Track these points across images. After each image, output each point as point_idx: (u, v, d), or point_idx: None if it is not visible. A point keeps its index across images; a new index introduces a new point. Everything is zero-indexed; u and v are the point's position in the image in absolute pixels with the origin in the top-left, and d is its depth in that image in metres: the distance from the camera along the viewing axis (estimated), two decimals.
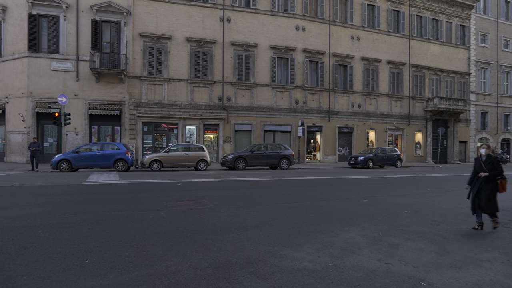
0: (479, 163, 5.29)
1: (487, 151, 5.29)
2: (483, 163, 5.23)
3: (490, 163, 5.19)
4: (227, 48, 20.93)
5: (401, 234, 4.90)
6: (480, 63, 29.99)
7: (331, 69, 23.71)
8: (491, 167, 5.16)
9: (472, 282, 3.26)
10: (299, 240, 4.51)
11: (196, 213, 6.06)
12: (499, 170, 5.11)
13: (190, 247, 4.09)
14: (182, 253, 3.86)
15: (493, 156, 5.23)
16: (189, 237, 4.55)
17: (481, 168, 5.20)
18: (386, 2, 25.72)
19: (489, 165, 5.18)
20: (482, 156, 5.32)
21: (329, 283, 3.14)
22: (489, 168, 5.14)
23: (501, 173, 5.11)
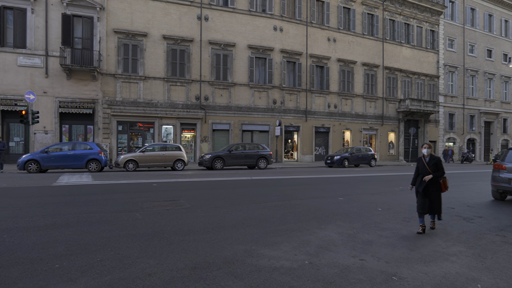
0: (422, 163, 5.09)
1: (429, 151, 5.11)
2: (426, 164, 5.04)
3: (434, 164, 5.03)
4: (204, 46, 20.73)
5: (374, 231, 5.06)
6: (448, 67, 31.46)
7: (308, 69, 24.06)
8: (435, 168, 5.01)
9: (440, 276, 3.42)
10: (276, 239, 4.54)
11: (173, 214, 5.97)
12: (442, 171, 5.01)
13: (167, 249, 4.02)
14: (158, 255, 3.79)
15: (436, 156, 5.10)
16: (166, 238, 4.47)
17: (425, 169, 5.02)
18: (361, 6, 26.42)
19: (433, 166, 5.01)
20: (425, 156, 5.11)
21: (305, 281, 3.19)
22: (433, 169, 5.00)
23: (443, 174, 5.04)
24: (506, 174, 7.87)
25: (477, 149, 33.98)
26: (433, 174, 4.95)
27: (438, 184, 5.05)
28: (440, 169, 5.01)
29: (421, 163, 5.12)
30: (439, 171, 5.00)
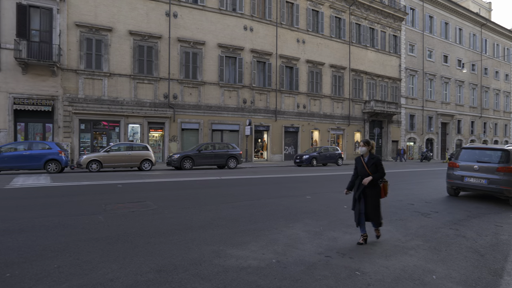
0: (361, 163, 4.45)
1: (365, 150, 4.46)
2: (365, 164, 4.40)
3: (373, 164, 4.37)
4: (173, 44, 20.27)
5: (340, 228, 5.21)
6: (409, 70, 33.19)
7: (278, 70, 24.32)
8: (374, 168, 4.36)
9: (399, 269, 3.59)
10: (244, 238, 4.54)
11: (138, 216, 5.78)
12: (382, 172, 4.37)
13: (130, 252, 3.88)
14: (121, 259, 3.65)
15: (376, 155, 4.45)
16: (130, 241, 4.32)
17: (363, 169, 4.39)
18: (329, 9, 27.14)
19: (373, 166, 4.36)
20: (364, 156, 4.48)
21: (272, 279, 3.21)
22: (373, 170, 4.36)
23: (383, 175, 4.39)
24: (459, 172, 8.44)
25: (435, 148, 36.16)
26: (373, 175, 4.31)
27: (378, 188, 4.42)
28: (380, 170, 4.35)
29: (360, 163, 4.48)
30: (378, 172, 4.36)
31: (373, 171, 4.37)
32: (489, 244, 4.63)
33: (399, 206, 7.34)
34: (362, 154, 4.52)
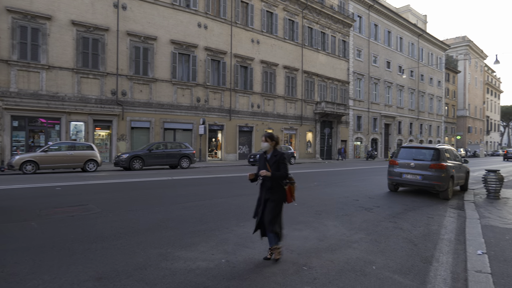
0: (263, 161, 3.74)
1: (268, 146, 3.72)
2: (267, 162, 3.70)
3: (275, 163, 3.66)
4: (122, 37, 19.20)
5: (289, 225, 5.33)
6: (356, 74, 35.21)
7: (233, 69, 24.27)
8: (276, 167, 3.64)
9: (343, 262, 3.77)
10: (194, 239, 4.44)
11: (79, 220, 5.36)
12: (285, 171, 3.65)
13: (67, 260, 3.58)
14: (55, 269, 3.35)
15: (280, 152, 3.74)
16: (67, 248, 3.98)
17: (265, 168, 3.68)
18: (283, 11, 27.74)
19: (275, 164, 3.65)
20: (267, 152, 3.77)
21: (220, 280, 3.18)
22: (275, 169, 3.64)
23: (286, 176, 3.66)
24: (398, 169, 9.14)
25: (379, 147, 38.83)
26: (272, 173, 3.61)
27: (281, 191, 3.69)
28: (282, 169, 3.64)
29: (262, 160, 3.76)
30: (280, 171, 3.64)
31: (275, 169, 3.65)
32: (422, 234, 5.07)
33: (345, 202, 7.73)
34: (265, 150, 3.78)
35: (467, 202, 7.74)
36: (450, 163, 8.80)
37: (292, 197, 3.79)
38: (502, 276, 3.29)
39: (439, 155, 8.64)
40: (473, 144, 58.47)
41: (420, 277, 3.40)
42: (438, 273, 3.51)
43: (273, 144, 3.76)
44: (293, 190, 3.80)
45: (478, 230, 5.11)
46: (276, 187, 3.67)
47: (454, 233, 5.22)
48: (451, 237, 5.00)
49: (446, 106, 53.04)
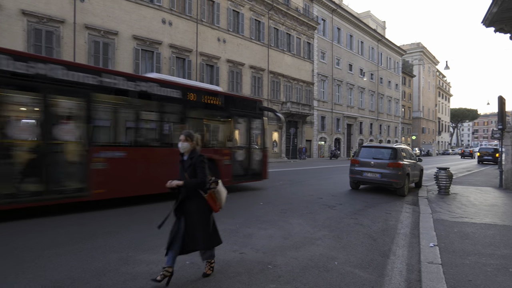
0: (181, 165, 3.20)
1: (188, 146, 3.14)
2: (183, 165, 3.16)
3: (191, 166, 3.10)
4: (80, 31, 18.13)
5: (255, 224, 5.36)
6: (320, 76, 36.24)
7: (198, 67, 23.91)
8: (192, 171, 3.08)
9: (307, 258, 3.86)
10: (157, 242, 4.30)
11: (31, 226, 4.98)
12: (202, 178, 3.06)
13: (16, 269, 3.31)
14: (1, 278, 3.08)
15: (198, 154, 3.16)
16: (16, 256, 3.68)
17: (182, 173, 3.16)
18: (249, 11, 27.82)
19: (190, 168, 3.10)
20: (185, 154, 3.18)
21: (184, 282, 3.11)
22: (191, 174, 3.08)
23: (204, 183, 3.09)
24: (359, 167, 9.54)
25: (342, 147, 40.29)
26: (186, 182, 3.04)
27: (202, 201, 3.11)
28: (200, 174, 3.07)
29: (181, 164, 3.22)
30: (198, 176, 3.07)
31: (192, 174, 3.09)
32: (381, 230, 5.33)
33: (309, 200, 7.92)
34: (184, 151, 3.18)
35: (421, 198, 8.26)
36: (406, 162, 9.35)
37: (216, 204, 3.21)
38: (451, 266, 3.55)
39: (396, 154, 9.14)
40: (427, 143, 62.64)
41: (379, 270, 3.57)
42: (395, 266, 3.71)
43: (193, 144, 3.19)
44: (215, 197, 3.19)
45: (430, 224, 5.47)
46: (194, 197, 3.09)
47: (410, 228, 5.55)
48: (406, 231, 5.31)
49: (403, 108, 56.30)
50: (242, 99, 10.37)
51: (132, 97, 6.84)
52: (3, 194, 5.14)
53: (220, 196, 3.24)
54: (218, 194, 3.22)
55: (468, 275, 3.32)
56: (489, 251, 4.11)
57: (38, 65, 5.57)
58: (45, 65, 5.65)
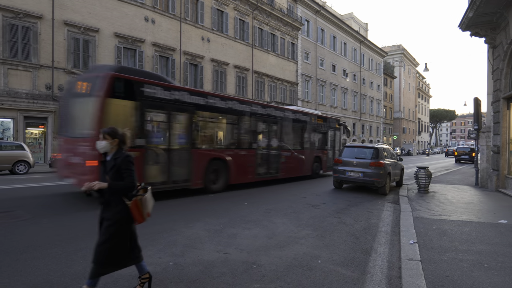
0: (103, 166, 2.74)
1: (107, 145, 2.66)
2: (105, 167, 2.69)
3: (113, 168, 2.61)
4: (58, 27, 17.57)
5: (239, 224, 5.36)
6: (304, 76, 36.57)
7: (182, 66, 23.64)
8: (115, 174, 2.60)
9: (291, 258, 3.88)
10: (140, 243, 4.23)
11: (4, 229, 4.79)
12: (129, 181, 2.60)
13: None
14: None
15: (124, 153, 2.68)
16: None
17: (103, 176, 2.68)
18: (234, 11, 27.74)
19: (113, 170, 2.61)
20: (108, 155, 2.71)
21: (168, 283, 3.07)
22: (114, 176, 2.60)
23: (132, 187, 2.63)
24: (342, 167, 9.69)
25: None
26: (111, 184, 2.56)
27: (122, 209, 2.62)
28: (128, 177, 2.60)
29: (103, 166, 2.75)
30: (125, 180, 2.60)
31: (114, 177, 2.60)
32: (363, 228, 5.44)
33: (293, 199, 7.98)
34: (103, 151, 2.71)
35: (402, 197, 8.48)
36: (388, 161, 9.57)
37: (141, 215, 2.71)
38: (430, 262, 3.66)
39: (378, 154, 9.34)
40: (407, 143, 64.31)
41: (361, 268, 3.64)
42: (376, 263, 3.79)
43: (116, 142, 2.69)
44: (140, 205, 2.67)
45: (410, 222, 5.63)
46: (114, 203, 2.62)
47: (391, 226, 5.68)
48: (388, 229, 5.44)
49: (384, 108, 57.58)
50: (331, 119, 15.43)
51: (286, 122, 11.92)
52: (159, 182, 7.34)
53: (147, 205, 2.78)
54: (145, 202, 2.74)
55: (445, 271, 3.44)
56: (466, 247, 4.26)
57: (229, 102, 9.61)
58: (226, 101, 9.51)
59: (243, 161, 9.79)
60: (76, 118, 7.33)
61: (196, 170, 8.19)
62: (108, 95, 6.50)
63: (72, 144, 7.03)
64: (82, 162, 6.42)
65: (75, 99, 7.38)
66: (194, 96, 8.41)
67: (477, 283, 3.14)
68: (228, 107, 9.39)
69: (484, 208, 7.08)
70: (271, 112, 11.23)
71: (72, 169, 6.92)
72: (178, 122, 8.13)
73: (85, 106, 6.82)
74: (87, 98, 6.77)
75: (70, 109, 7.51)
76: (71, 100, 7.49)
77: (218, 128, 9.62)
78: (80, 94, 7.13)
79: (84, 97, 6.99)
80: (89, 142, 6.20)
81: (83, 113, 6.99)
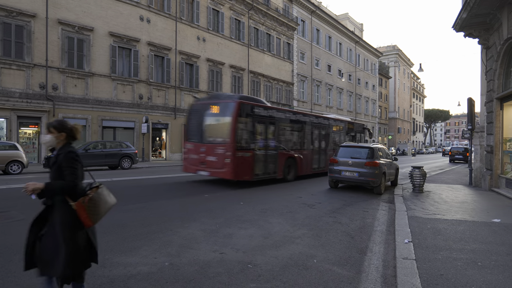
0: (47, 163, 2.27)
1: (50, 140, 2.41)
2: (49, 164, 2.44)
3: (55, 164, 2.35)
4: (52, 26, 17.41)
5: (235, 224, 5.35)
6: (300, 76, 36.65)
7: (178, 66, 23.56)
8: (56, 171, 2.34)
9: (287, 257, 3.89)
10: (135, 243, 4.22)
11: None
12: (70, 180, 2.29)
13: None
14: None
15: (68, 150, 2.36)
16: None
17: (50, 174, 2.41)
18: (229, 10, 27.70)
19: (55, 167, 2.35)
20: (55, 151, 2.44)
21: (163, 284, 3.06)
22: (53, 174, 2.36)
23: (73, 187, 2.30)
24: (338, 167, 9.73)
25: None
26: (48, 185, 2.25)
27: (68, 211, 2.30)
28: (69, 175, 2.30)
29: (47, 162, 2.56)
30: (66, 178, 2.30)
31: (56, 176, 2.34)
32: (358, 227, 5.46)
33: (289, 199, 8.00)
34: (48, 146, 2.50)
35: (397, 196, 8.54)
36: (383, 161, 9.62)
37: (89, 218, 2.30)
38: (424, 261, 3.69)
39: (373, 153, 9.39)
40: (402, 143, 64.73)
41: (356, 267, 3.66)
42: (371, 262, 3.81)
43: (63, 137, 2.42)
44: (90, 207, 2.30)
45: (405, 221, 5.67)
46: (58, 204, 2.31)
47: (386, 225, 5.72)
48: (383, 228, 5.47)
49: (379, 108, 57.91)
50: (358, 124, 18.80)
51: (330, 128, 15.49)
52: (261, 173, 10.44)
53: (98, 207, 2.37)
54: (94, 203, 2.33)
55: (440, 269, 3.47)
56: (460, 246, 4.30)
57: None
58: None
59: (305, 158, 13.08)
60: (211, 129, 10.38)
61: (279, 165, 11.35)
62: (237, 115, 9.55)
63: (206, 147, 9.98)
64: (220, 160, 9.51)
65: (209, 117, 10.42)
66: (279, 112, 11.74)
67: (471, 282, 3.17)
68: (296, 119, 12.83)
69: (478, 207, 7.16)
70: (321, 121, 14.80)
71: (207, 164, 9.84)
72: (270, 131, 11.11)
73: (220, 122, 10.11)
74: (222, 117, 10.01)
75: (203, 122, 10.43)
76: (205, 117, 10.44)
77: (291, 134, 12.50)
78: (215, 114, 10.30)
79: (218, 116, 10.21)
80: (225, 146, 9.48)
81: (219, 126, 10.15)
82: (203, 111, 10.54)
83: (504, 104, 9.39)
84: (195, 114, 10.84)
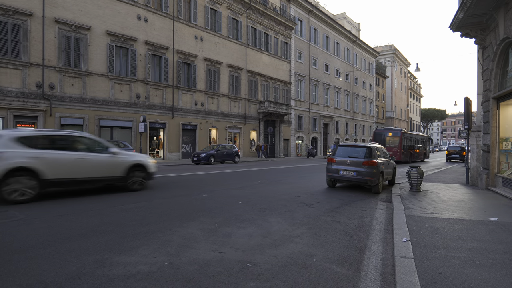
0: None
1: None
2: None
3: None
4: (49, 25, 17.32)
5: (234, 223, 5.36)
6: (297, 75, 36.69)
7: (175, 65, 23.52)
8: None
9: (286, 256, 3.91)
10: (134, 243, 4.21)
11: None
12: None
13: None
14: None
15: None
16: None
17: None
18: (227, 10, 27.68)
19: None
20: None
21: (163, 283, 3.06)
22: None
23: None
24: (335, 166, 9.76)
25: (319, 146, 41.02)
26: None
27: None
28: None
29: None
30: None
31: None
32: (357, 226, 5.49)
33: (287, 198, 8.02)
34: None
35: (394, 195, 8.58)
36: (380, 160, 9.67)
37: None
38: (423, 260, 3.72)
39: (371, 153, 9.43)
40: None
41: (355, 265, 3.68)
42: (370, 261, 3.83)
43: None
44: None
45: (403, 220, 5.70)
46: None
47: (384, 224, 5.75)
48: (381, 227, 5.50)
49: (377, 108, 58.10)
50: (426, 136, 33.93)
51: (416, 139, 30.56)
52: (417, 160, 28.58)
53: None
54: None
55: (438, 267, 3.50)
56: (457, 244, 4.34)
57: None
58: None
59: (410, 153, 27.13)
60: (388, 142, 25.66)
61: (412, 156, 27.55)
62: (401, 137, 25.52)
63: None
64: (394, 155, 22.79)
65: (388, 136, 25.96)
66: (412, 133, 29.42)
67: (469, 280, 3.20)
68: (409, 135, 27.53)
69: (475, 206, 7.21)
70: (413, 135, 29.33)
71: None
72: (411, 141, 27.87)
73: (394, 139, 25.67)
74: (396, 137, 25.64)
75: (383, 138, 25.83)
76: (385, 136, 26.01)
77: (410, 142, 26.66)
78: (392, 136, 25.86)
79: (394, 136, 25.74)
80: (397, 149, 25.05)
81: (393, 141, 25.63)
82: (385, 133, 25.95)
83: (500, 103, 9.46)
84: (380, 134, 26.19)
